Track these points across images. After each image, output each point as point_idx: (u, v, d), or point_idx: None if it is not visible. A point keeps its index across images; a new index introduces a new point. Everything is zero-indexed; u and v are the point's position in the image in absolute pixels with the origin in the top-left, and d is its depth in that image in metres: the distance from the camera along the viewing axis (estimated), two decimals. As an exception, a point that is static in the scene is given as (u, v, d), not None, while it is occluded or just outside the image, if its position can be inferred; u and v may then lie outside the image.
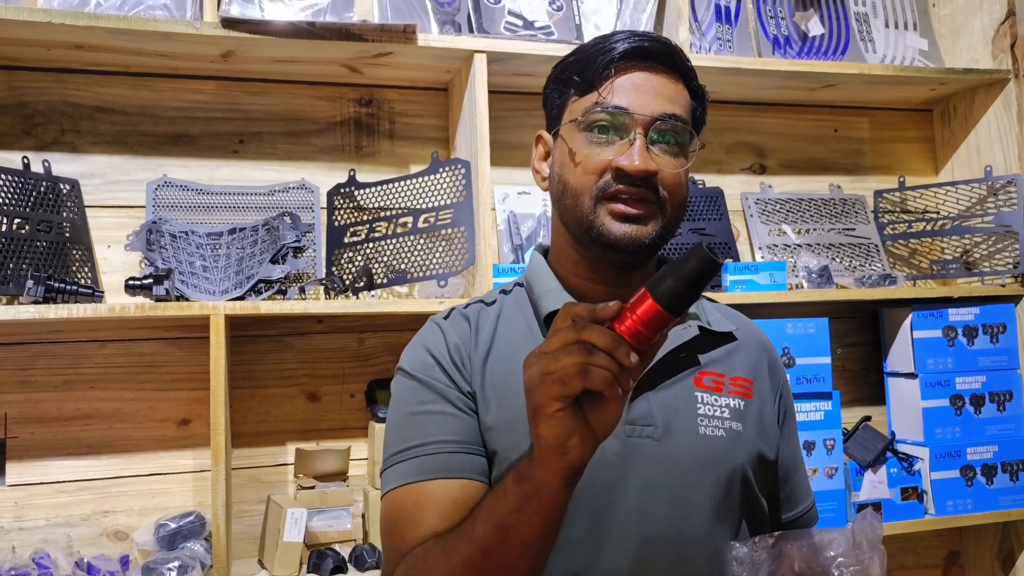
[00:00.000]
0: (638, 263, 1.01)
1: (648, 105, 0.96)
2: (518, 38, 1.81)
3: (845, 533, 0.94)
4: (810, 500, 1.16)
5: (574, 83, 1.02)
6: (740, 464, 0.99)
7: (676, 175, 0.98)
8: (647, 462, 0.95)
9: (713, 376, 1.02)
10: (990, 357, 2.04)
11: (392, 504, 0.95)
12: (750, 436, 1.01)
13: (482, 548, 0.80)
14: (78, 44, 1.61)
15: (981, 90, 2.18)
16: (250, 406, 1.78)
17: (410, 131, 1.93)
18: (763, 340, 1.13)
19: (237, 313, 1.55)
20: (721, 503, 0.97)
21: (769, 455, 1.04)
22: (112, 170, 1.75)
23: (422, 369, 1.01)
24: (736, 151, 2.19)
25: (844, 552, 0.91)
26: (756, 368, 1.07)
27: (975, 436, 2.01)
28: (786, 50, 2.11)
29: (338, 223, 1.80)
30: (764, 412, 1.05)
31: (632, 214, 0.96)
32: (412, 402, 0.99)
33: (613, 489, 0.94)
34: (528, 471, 0.76)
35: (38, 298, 1.48)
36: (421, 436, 0.96)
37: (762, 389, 1.06)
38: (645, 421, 0.97)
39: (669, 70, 1.00)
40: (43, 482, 1.66)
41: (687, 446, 0.97)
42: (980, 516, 1.98)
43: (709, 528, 0.96)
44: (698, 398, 1.00)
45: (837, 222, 2.18)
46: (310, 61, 1.76)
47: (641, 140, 0.95)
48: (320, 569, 1.58)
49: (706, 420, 0.99)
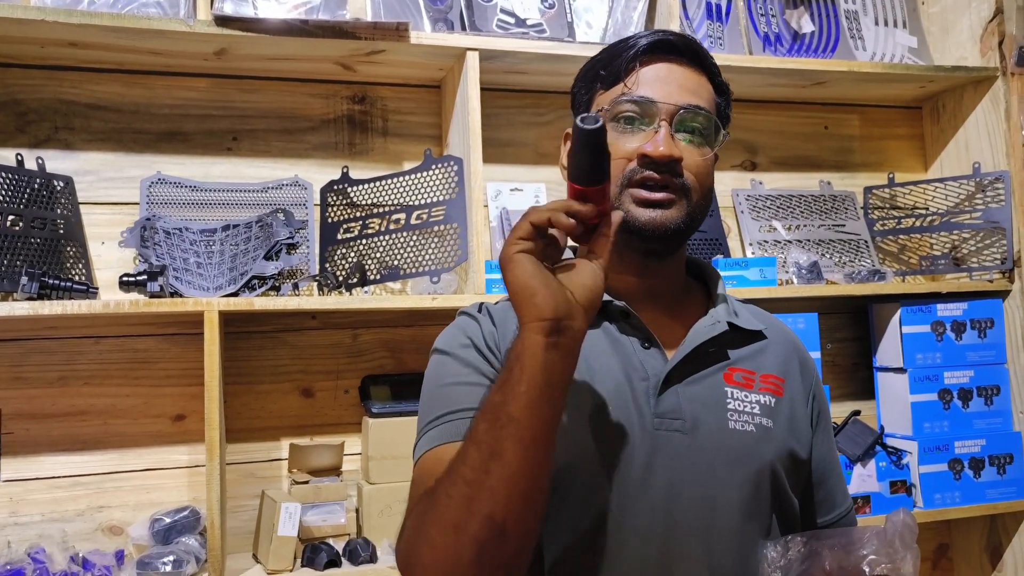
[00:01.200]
0: (665, 251, 1.02)
1: (672, 95, 0.99)
2: (510, 36, 1.82)
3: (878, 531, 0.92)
4: (848, 504, 1.13)
5: (600, 77, 1.04)
6: (770, 460, 0.98)
7: (701, 163, 1.00)
8: (675, 456, 0.95)
9: (743, 373, 1.02)
10: (978, 352, 2.06)
11: (420, 467, 0.94)
12: (781, 433, 1.00)
13: (476, 442, 0.79)
14: (72, 42, 1.62)
15: (970, 87, 2.20)
16: (244, 402, 1.79)
17: (403, 128, 1.94)
18: (794, 340, 1.13)
19: (231, 309, 1.56)
20: (750, 499, 0.96)
21: (800, 454, 1.03)
22: (106, 167, 1.76)
23: (457, 348, 1.01)
24: (727, 148, 2.20)
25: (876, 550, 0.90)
26: (787, 366, 1.07)
27: (963, 430, 2.03)
28: (777, 48, 2.13)
29: (331, 220, 1.81)
30: (795, 410, 1.04)
31: (656, 199, 0.97)
32: (446, 375, 0.99)
33: (640, 481, 0.94)
34: (518, 346, 0.80)
35: (33, 294, 1.48)
36: (454, 404, 0.95)
37: (793, 388, 1.06)
38: (674, 415, 0.96)
39: (692, 63, 1.02)
40: (38, 477, 1.66)
41: (716, 441, 0.96)
42: (968, 509, 2.00)
43: (737, 524, 0.95)
44: (728, 393, 1.00)
45: (827, 218, 2.20)
46: (303, 59, 1.77)
47: (666, 128, 0.97)
48: (314, 563, 1.59)
49: (736, 415, 0.98)
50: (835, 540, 0.94)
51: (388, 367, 1.88)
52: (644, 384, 0.98)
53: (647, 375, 0.98)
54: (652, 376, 0.98)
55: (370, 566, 1.60)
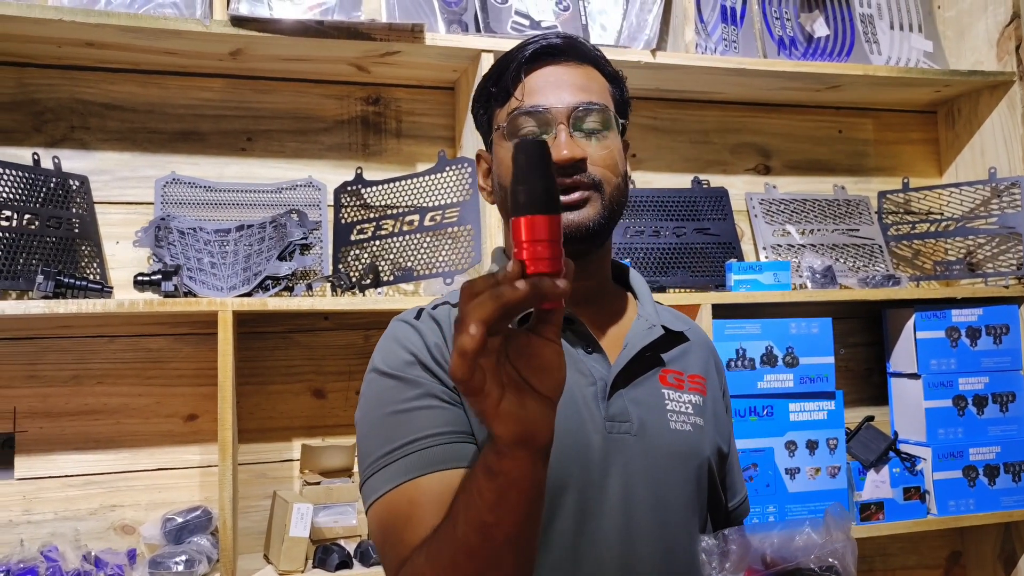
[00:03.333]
0: (588, 250, 1.01)
1: (563, 98, 0.99)
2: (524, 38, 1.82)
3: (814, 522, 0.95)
4: (745, 491, 1.19)
5: (492, 95, 1.04)
6: (707, 457, 1.02)
7: (606, 156, 1.00)
8: (628, 457, 0.97)
9: (674, 374, 1.05)
10: (993, 358, 2.05)
11: (385, 509, 0.89)
12: (710, 430, 1.05)
13: (467, 551, 0.75)
14: (88, 41, 1.62)
15: (985, 92, 2.19)
16: (256, 402, 1.79)
17: (417, 130, 1.94)
18: (707, 340, 1.17)
19: (245, 309, 1.56)
20: (693, 496, 1.00)
21: (724, 448, 1.08)
22: (121, 167, 1.76)
23: (402, 367, 0.95)
24: (741, 152, 2.20)
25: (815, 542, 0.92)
26: (707, 366, 1.10)
27: (978, 437, 2.02)
28: (791, 51, 2.12)
29: (345, 221, 1.81)
30: (717, 407, 1.09)
31: (570, 201, 0.97)
32: (394, 401, 0.93)
33: (598, 483, 0.95)
34: (498, 466, 0.71)
35: (48, 293, 1.49)
36: (410, 432, 0.90)
37: (713, 386, 1.09)
38: (623, 417, 0.98)
39: (578, 61, 1.02)
40: (51, 476, 1.67)
41: (661, 441, 0.99)
42: (982, 516, 1.99)
43: (686, 520, 0.99)
44: (665, 395, 1.02)
45: (841, 223, 2.19)
46: (318, 60, 1.77)
47: (564, 131, 0.97)
48: (326, 564, 1.59)
49: (674, 415, 1.01)
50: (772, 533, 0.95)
51: (400, 368, 1.87)
52: (592, 388, 0.98)
53: (594, 379, 0.99)
54: (599, 380, 0.99)
55: (380, 568, 1.60)
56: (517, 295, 0.64)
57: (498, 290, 0.64)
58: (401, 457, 0.89)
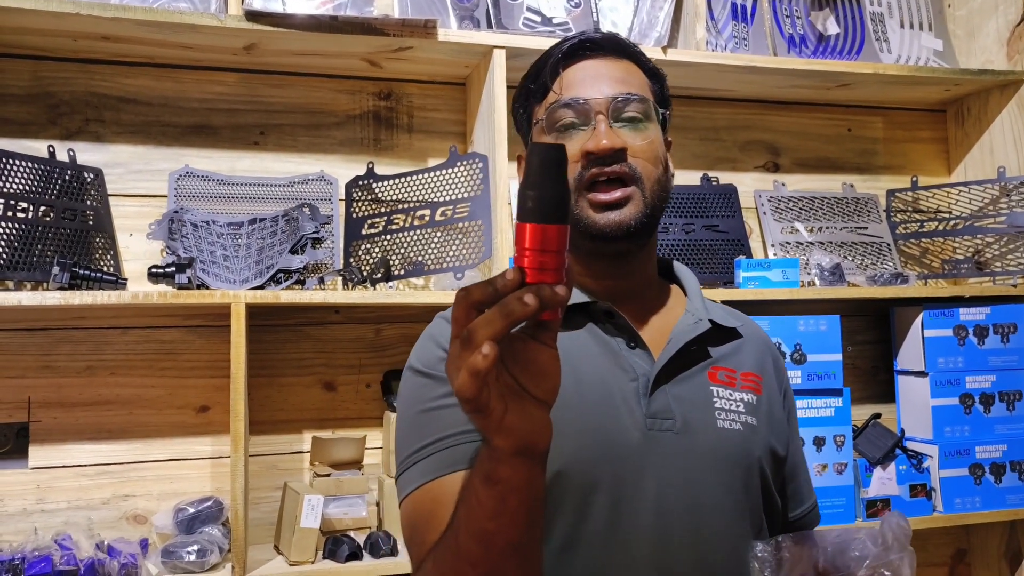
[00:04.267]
0: (633, 249, 1.00)
1: (602, 89, 0.98)
2: (536, 34, 1.83)
3: (871, 533, 0.91)
4: (813, 499, 1.14)
5: (531, 92, 1.04)
6: (757, 458, 0.98)
7: (647, 147, 0.98)
8: (667, 456, 0.94)
9: (726, 371, 1.01)
10: (1000, 357, 2.05)
11: (412, 506, 0.91)
12: (763, 430, 1.00)
13: (469, 560, 0.75)
14: (104, 35, 1.64)
15: (995, 91, 2.19)
16: (267, 394, 1.80)
17: (428, 125, 1.95)
18: (765, 338, 1.13)
19: (258, 302, 1.57)
20: (741, 498, 0.96)
21: (780, 451, 1.03)
22: (135, 160, 1.77)
23: (433, 364, 0.96)
24: (750, 149, 2.21)
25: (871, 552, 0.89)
26: (762, 364, 1.07)
27: (984, 435, 2.02)
28: (801, 49, 2.12)
29: (356, 215, 1.82)
30: (773, 407, 1.05)
31: (612, 200, 0.96)
32: (424, 398, 0.94)
33: (632, 483, 0.92)
34: (497, 474, 0.70)
35: (64, 284, 1.50)
36: (439, 430, 0.91)
37: (769, 385, 1.06)
38: (665, 414, 0.95)
39: (617, 55, 1.02)
40: (65, 465, 1.69)
41: (706, 440, 0.96)
42: (988, 514, 1.99)
43: (728, 523, 0.95)
44: (714, 392, 0.99)
45: (850, 221, 2.20)
46: (331, 54, 1.78)
47: (604, 121, 0.97)
48: (336, 555, 1.60)
49: (723, 414, 0.98)
50: (827, 541, 0.93)
51: (410, 362, 1.89)
52: (634, 384, 0.97)
53: (636, 375, 0.97)
54: (641, 376, 0.97)
55: (391, 559, 1.61)
56: (527, 311, 0.62)
57: (508, 307, 0.62)
58: (429, 455, 0.90)
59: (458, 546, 0.75)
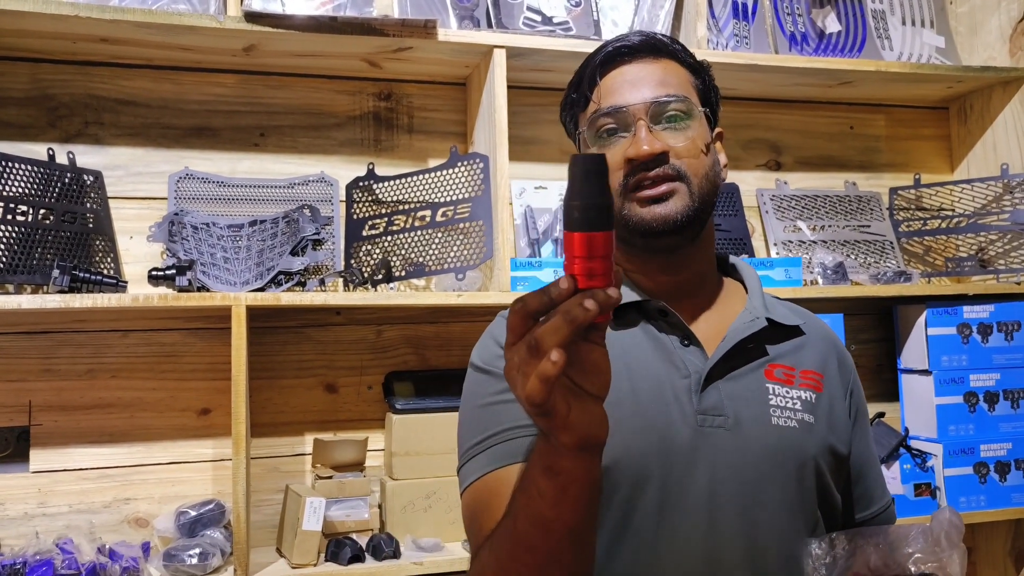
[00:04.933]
0: (682, 242, 1.01)
1: (640, 94, 0.99)
2: (537, 34, 1.83)
3: (923, 529, 0.91)
4: (887, 500, 1.13)
5: (575, 101, 1.07)
6: (813, 456, 0.98)
7: (689, 146, 0.99)
8: (718, 452, 0.95)
9: (783, 369, 1.02)
10: (1004, 355, 2.04)
11: (472, 497, 0.94)
12: (822, 429, 1.00)
13: (527, 545, 0.78)
14: (103, 37, 1.63)
15: (998, 88, 2.18)
16: (269, 396, 1.80)
17: (428, 125, 1.95)
18: (831, 336, 1.12)
19: (258, 304, 1.56)
20: (794, 496, 0.96)
21: (841, 449, 1.03)
22: (135, 162, 1.77)
23: (492, 361, 1.00)
24: (752, 148, 2.20)
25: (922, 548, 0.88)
26: (825, 362, 1.06)
27: (989, 433, 2.02)
28: (803, 47, 2.12)
29: (357, 216, 1.82)
30: (834, 406, 1.04)
31: (656, 194, 0.97)
32: (484, 394, 0.98)
33: (683, 479, 0.94)
34: (559, 465, 0.73)
35: (64, 287, 1.50)
36: (496, 424, 0.95)
37: (832, 383, 1.05)
38: (717, 411, 0.96)
39: (655, 56, 1.03)
40: (66, 469, 1.68)
41: (759, 437, 0.96)
42: (993, 513, 1.98)
43: (781, 521, 0.95)
44: (769, 389, 1.00)
45: (852, 219, 2.19)
46: (330, 55, 1.78)
47: (643, 127, 0.98)
48: (338, 558, 1.60)
49: (778, 411, 0.98)
50: (880, 538, 0.93)
51: (412, 363, 1.88)
52: (686, 381, 0.98)
53: (688, 372, 0.98)
54: (694, 373, 0.98)
55: (393, 562, 1.61)
56: (589, 316, 0.64)
57: (571, 314, 0.65)
58: (487, 448, 0.94)
59: (516, 532, 0.78)
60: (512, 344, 0.68)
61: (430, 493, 1.71)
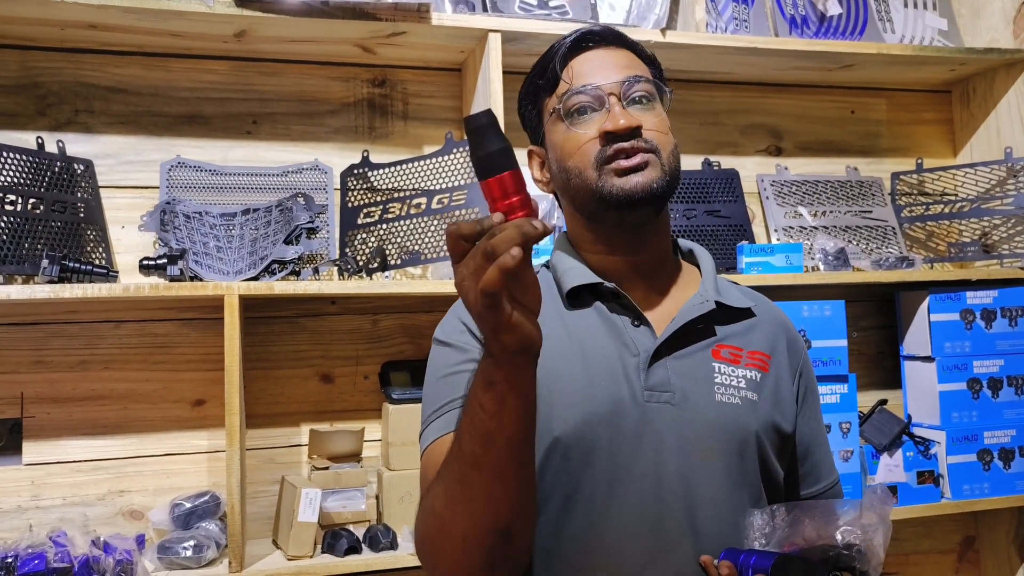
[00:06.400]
0: (648, 218, 1.05)
1: (611, 75, 1.05)
2: (533, 17, 1.80)
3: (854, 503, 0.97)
4: (834, 477, 1.17)
5: (540, 87, 1.10)
6: (754, 431, 1.02)
7: (659, 123, 1.05)
8: (664, 426, 0.99)
9: (731, 349, 1.06)
10: (1008, 341, 2.02)
11: (425, 460, 0.99)
12: (765, 406, 1.04)
13: (472, 462, 0.83)
14: (92, 23, 1.61)
15: (1002, 70, 2.15)
16: (264, 387, 1.78)
17: (424, 112, 1.92)
18: (782, 319, 1.16)
19: (251, 294, 1.54)
20: (736, 470, 1.00)
21: (785, 427, 1.06)
22: (126, 151, 1.75)
23: (453, 335, 1.05)
24: (752, 133, 2.17)
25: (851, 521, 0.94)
26: (774, 344, 1.10)
27: (993, 420, 1.99)
28: (803, 30, 2.09)
29: (352, 204, 1.79)
30: (781, 386, 1.08)
31: (633, 165, 1.02)
32: (444, 365, 1.03)
33: (630, 451, 0.98)
34: (496, 375, 0.80)
35: (53, 277, 1.48)
36: (455, 392, 0.99)
37: (779, 365, 1.09)
38: (663, 387, 1.01)
39: (617, 45, 1.09)
40: (59, 461, 1.66)
41: (703, 412, 1.01)
42: (997, 500, 1.96)
43: (724, 493, 0.99)
44: (715, 368, 1.04)
45: (854, 204, 2.16)
46: (323, 41, 1.75)
47: (617, 103, 1.03)
48: (335, 549, 1.58)
49: (722, 388, 1.02)
50: (816, 511, 0.98)
51: (408, 353, 1.86)
52: (635, 359, 1.02)
53: (638, 351, 1.02)
54: (642, 352, 1.02)
55: (390, 553, 1.59)
56: (537, 232, 0.74)
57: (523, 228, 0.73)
58: (445, 413, 0.99)
59: (462, 453, 0.84)
60: (458, 261, 0.77)
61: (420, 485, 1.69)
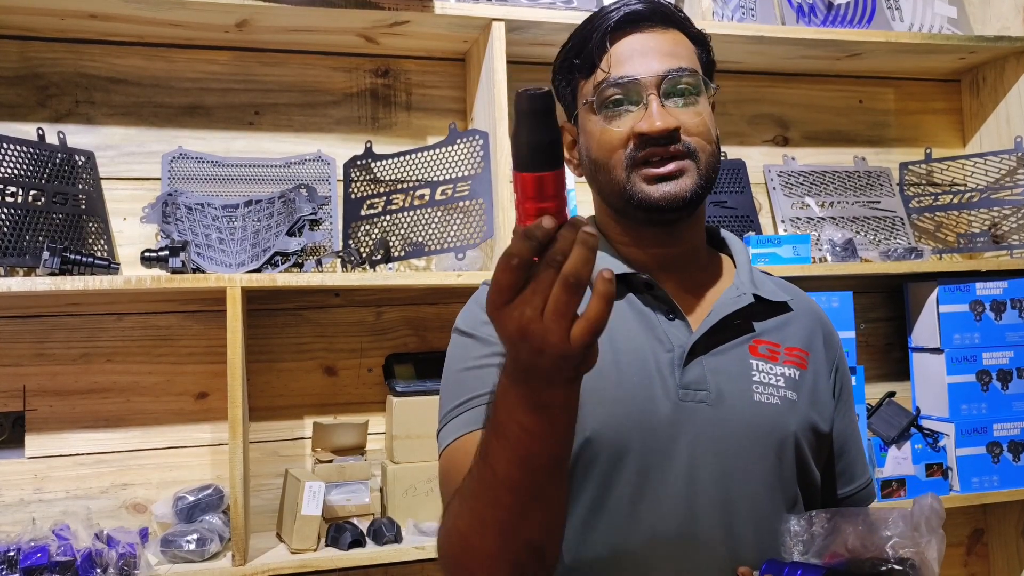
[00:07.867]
0: (684, 217, 1.00)
1: (652, 66, 0.97)
2: (537, 6, 1.78)
3: (904, 514, 0.91)
4: (867, 477, 1.13)
5: (577, 67, 1.03)
6: (793, 432, 0.98)
7: (699, 123, 0.98)
8: (699, 426, 0.95)
9: (768, 345, 1.01)
10: (1018, 332, 2.00)
11: (446, 459, 0.94)
12: (804, 406, 1.00)
13: (508, 486, 0.75)
14: (92, 13, 1.59)
15: (1012, 59, 2.12)
16: (267, 380, 1.77)
17: (427, 102, 1.91)
18: (819, 313, 1.11)
19: (254, 285, 1.53)
20: (773, 472, 0.96)
21: (822, 427, 1.02)
22: (127, 142, 1.73)
23: (476, 326, 0.99)
24: (758, 123, 2.15)
25: (901, 533, 0.88)
26: (811, 340, 1.06)
27: (1002, 412, 1.98)
28: (810, 18, 2.06)
29: (355, 195, 1.78)
30: (818, 384, 1.04)
31: (665, 173, 0.96)
32: (467, 357, 0.98)
33: (663, 451, 0.94)
34: (550, 398, 0.71)
35: (54, 270, 1.47)
36: (478, 388, 0.94)
37: (817, 361, 1.05)
38: (699, 386, 0.96)
39: (663, 25, 1.00)
40: (62, 454, 1.66)
41: (740, 412, 0.96)
42: (1006, 493, 1.95)
43: (759, 496, 0.95)
44: (753, 365, 0.99)
45: (862, 195, 2.14)
46: (325, 30, 1.73)
47: (655, 101, 0.96)
48: (338, 543, 1.57)
49: (761, 387, 0.98)
50: (859, 519, 0.93)
51: (412, 345, 1.85)
52: (669, 355, 0.97)
53: (672, 346, 0.98)
54: (677, 347, 0.97)
55: (395, 546, 1.58)
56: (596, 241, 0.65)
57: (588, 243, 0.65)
58: (468, 410, 0.94)
59: (495, 478, 0.76)
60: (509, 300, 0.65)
61: (432, 476, 1.68)
